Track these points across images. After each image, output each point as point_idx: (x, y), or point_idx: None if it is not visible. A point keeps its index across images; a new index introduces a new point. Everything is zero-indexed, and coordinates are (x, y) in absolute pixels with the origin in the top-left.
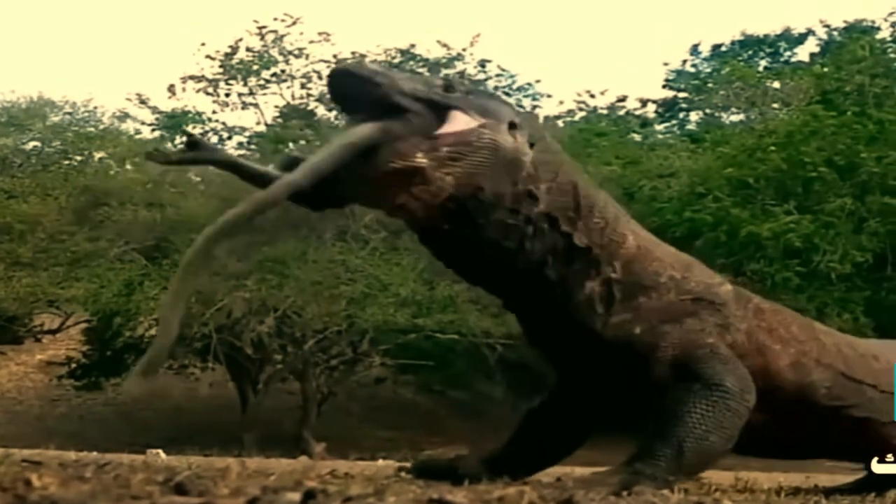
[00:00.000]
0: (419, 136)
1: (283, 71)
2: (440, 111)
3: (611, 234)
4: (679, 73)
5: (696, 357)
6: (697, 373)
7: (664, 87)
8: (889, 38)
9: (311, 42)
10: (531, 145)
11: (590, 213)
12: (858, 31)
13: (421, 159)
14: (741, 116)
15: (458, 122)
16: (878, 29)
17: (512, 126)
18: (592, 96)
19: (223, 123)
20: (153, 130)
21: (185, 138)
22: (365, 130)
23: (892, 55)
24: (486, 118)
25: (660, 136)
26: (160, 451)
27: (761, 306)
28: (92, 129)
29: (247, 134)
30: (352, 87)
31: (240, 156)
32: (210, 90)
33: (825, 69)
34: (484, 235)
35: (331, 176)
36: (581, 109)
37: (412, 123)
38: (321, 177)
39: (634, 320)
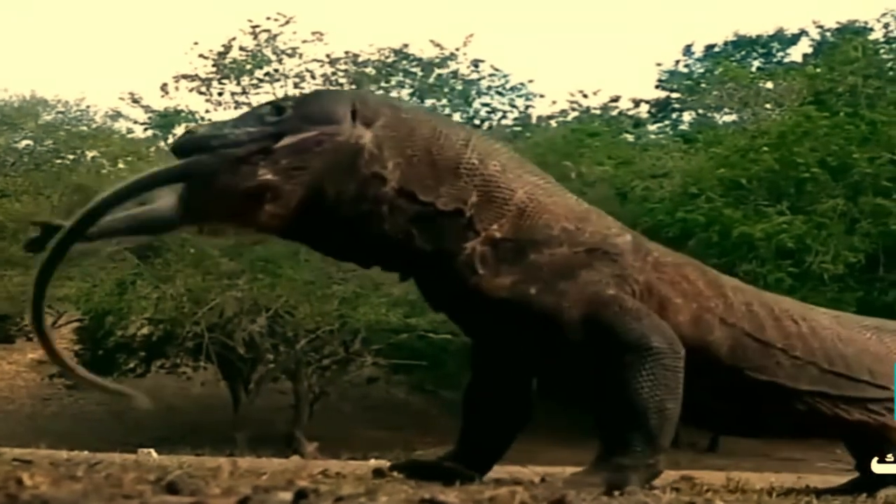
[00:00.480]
0: (257, 155)
1: (276, 70)
2: (276, 138)
3: (492, 191)
4: (672, 73)
5: (608, 319)
6: (619, 338)
7: (657, 87)
8: (882, 39)
9: (305, 41)
10: (368, 125)
11: (455, 176)
12: (851, 32)
13: (266, 175)
14: (734, 117)
15: (294, 136)
16: (871, 30)
17: (353, 115)
18: (585, 96)
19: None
20: (146, 129)
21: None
22: (170, 167)
23: (884, 56)
24: (318, 124)
25: (652, 137)
26: (152, 450)
27: (663, 259)
28: (84, 127)
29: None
30: (174, 148)
31: None
32: (203, 89)
33: (818, 70)
34: (340, 229)
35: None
36: (574, 109)
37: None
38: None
39: (528, 280)
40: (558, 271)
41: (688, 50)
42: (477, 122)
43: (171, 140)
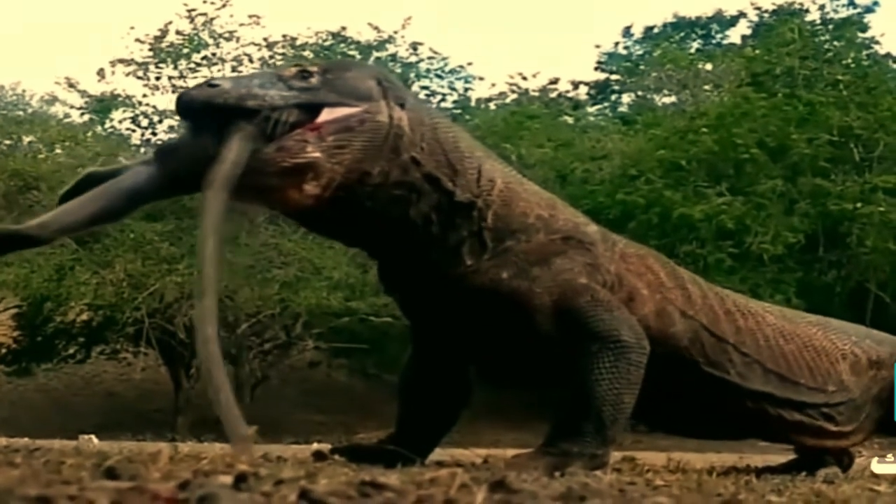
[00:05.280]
0: (301, 129)
1: (213, 54)
2: (309, 108)
3: (484, 184)
4: (611, 55)
5: (580, 308)
6: (589, 327)
7: (596, 69)
8: (818, 21)
9: (242, 25)
10: (402, 105)
11: (463, 165)
12: (788, 14)
13: (312, 152)
14: (673, 99)
15: (335, 111)
16: (807, 12)
17: (384, 92)
18: (524, 79)
19: (153, 107)
20: (82, 114)
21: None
22: (235, 146)
23: (821, 38)
24: (360, 100)
25: (592, 119)
26: (93, 436)
27: (627, 250)
28: (20, 112)
29: (177, 118)
30: (205, 104)
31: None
32: (140, 74)
33: (756, 52)
34: (370, 214)
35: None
36: (513, 92)
37: (277, 120)
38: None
39: (502, 265)
40: (533, 257)
41: (627, 32)
42: None
43: (106, 123)
